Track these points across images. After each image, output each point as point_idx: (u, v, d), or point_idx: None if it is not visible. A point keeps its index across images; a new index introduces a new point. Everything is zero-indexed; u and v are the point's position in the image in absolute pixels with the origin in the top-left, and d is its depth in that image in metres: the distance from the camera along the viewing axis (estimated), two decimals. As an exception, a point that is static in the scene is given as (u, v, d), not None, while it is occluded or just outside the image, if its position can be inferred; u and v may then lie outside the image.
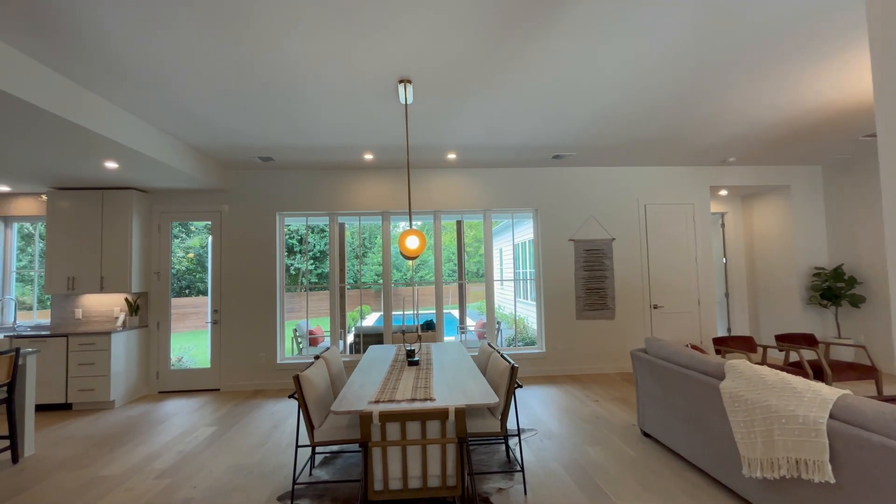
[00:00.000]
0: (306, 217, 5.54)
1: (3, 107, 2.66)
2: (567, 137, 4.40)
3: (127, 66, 2.74)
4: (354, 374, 2.86)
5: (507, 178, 5.55)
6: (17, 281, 5.48)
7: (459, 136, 4.25)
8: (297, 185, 5.38)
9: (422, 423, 1.83)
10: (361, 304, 9.14)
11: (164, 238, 5.30)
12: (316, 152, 4.66)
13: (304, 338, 6.42)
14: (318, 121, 3.75)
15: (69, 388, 4.52)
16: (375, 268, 16.95)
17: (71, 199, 4.90)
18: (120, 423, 4.10)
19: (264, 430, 3.82)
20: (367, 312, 14.43)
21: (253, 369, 5.23)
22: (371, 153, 4.77)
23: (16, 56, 2.52)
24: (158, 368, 5.19)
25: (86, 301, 5.13)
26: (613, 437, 3.43)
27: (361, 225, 5.81)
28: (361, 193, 5.43)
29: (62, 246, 4.87)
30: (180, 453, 3.37)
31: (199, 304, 13.71)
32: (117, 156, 3.74)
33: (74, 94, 2.96)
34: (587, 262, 5.51)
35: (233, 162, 4.97)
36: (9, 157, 3.74)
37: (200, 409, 4.46)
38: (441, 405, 2.03)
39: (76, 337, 4.55)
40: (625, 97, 3.42)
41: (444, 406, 1.83)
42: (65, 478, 3.00)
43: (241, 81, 2.97)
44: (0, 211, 5.21)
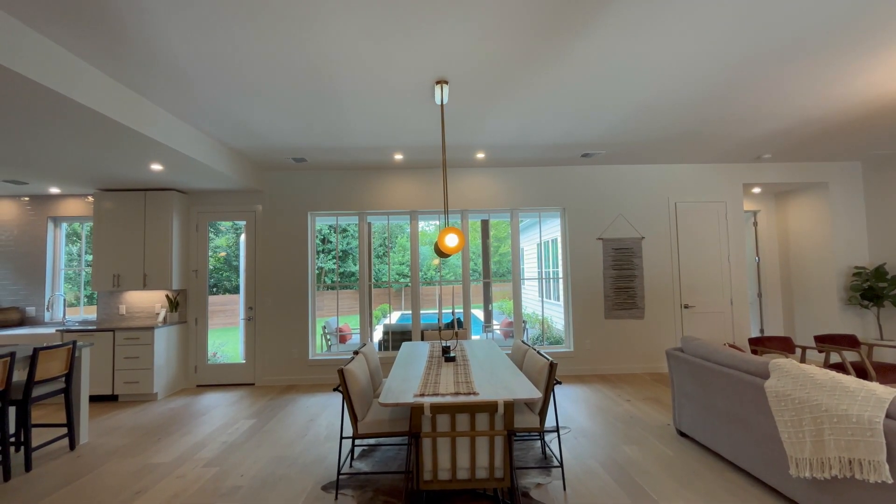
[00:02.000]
0: (336, 217, 5.66)
1: (68, 112, 2.82)
2: (597, 135, 4.39)
3: (177, 71, 2.87)
4: (394, 368, 2.93)
5: (534, 177, 5.55)
6: (64, 278, 5.75)
7: (490, 135, 4.29)
8: (328, 185, 5.50)
9: (471, 416, 1.88)
10: (390, 302, 9.25)
11: (202, 237, 5.50)
12: (348, 153, 4.76)
13: (334, 335, 6.55)
14: (353, 123, 3.84)
15: (116, 381, 4.74)
16: (397, 267, 17.11)
17: (115, 199, 5.13)
18: (164, 415, 4.28)
19: (301, 423, 3.94)
20: (389, 311, 14.61)
21: (286, 365, 5.37)
22: (401, 153, 4.84)
23: (80, 65, 2.67)
24: (197, 363, 5.38)
25: (129, 297, 5.37)
26: (649, 436, 3.41)
27: (382, 225, 5.90)
28: (390, 193, 5.51)
29: (107, 245, 5.10)
30: (224, 444, 3.50)
31: (227, 302, 14.10)
32: (164, 158, 3.91)
33: (131, 100, 3.11)
34: (616, 261, 5.47)
35: (267, 163, 5.12)
36: (63, 160, 3.95)
37: (238, 403, 4.62)
38: (488, 398, 2.08)
39: (122, 332, 4.77)
40: (661, 94, 3.40)
41: (493, 399, 1.88)
42: (119, 465, 3.16)
43: (283, 85, 3.08)
44: (49, 212, 5.49)
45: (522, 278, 5.59)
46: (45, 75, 2.45)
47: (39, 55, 2.40)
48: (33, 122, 2.99)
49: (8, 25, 2.22)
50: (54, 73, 2.50)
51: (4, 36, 2.20)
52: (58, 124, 3.03)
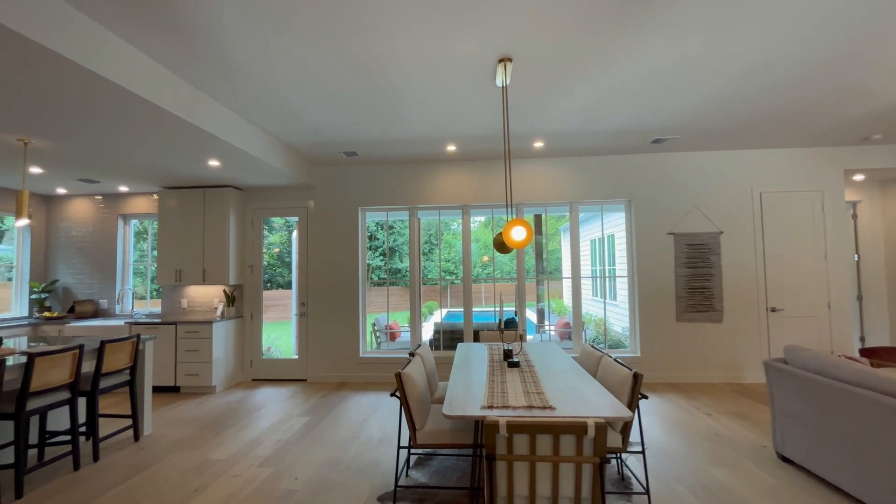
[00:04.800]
0: (387, 212, 5.53)
1: (136, 109, 2.82)
2: (672, 119, 3.93)
3: (236, 66, 2.79)
4: (454, 373, 2.70)
5: (596, 167, 5.14)
6: (133, 273, 6.04)
7: (551, 121, 3.95)
8: (379, 179, 5.38)
9: (554, 437, 1.61)
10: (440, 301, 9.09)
11: (257, 233, 5.56)
12: (399, 145, 4.60)
13: (383, 332, 6.47)
14: (407, 112, 3.65)
15: (178, 373, 4.88)
16: (443, 264, 16.98)
17: (177, 197, 5.29)
18: (221, 408, 4.32)
19: (354, 423, 3.82)
20: (435, 308, 14.50)
21: (337, 362, 5.32)
22: (454, 144, 4.61)
23: (148, 63, 2.65)
24: (252, 357, 5.46)
25: (190, 292, 5.53)
26: (742, 458, 2.97)
27: (428, 222, 5.69)
28: (441, 187, 5.30)
29: (170, 240, 5.27)
30: (279, 442, 3.44)
31: (280, 297, 14.58)
32: (221, 154, 3.91)
33: (192, 96, 3.09)
34: (690, 259, 4.95)
35: (319, 158, 5.07)
36: (133, 160, 4.06)
37: (291, 399, 4.60)
38: (573, 416, 1.80)
39: (183, 325, 4.89)
40: (749, 72, 2.93)
41: (580, 419, 1.59)
42: (179, 458, 3.16)
43: (338, 77, 2.93)
44: (120, 209, 5.77)
45: (570, 277, 5.20)
46: (123, 76, 2.44)
47: (115, 56, 2.39)
48: (107, 121, 3.03)
49: (90, 29, 2.20)
50: (128, 72, 2.48)
51: (88, 40, 2.18)
52: (128, 122, 3.06)
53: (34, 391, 2.73)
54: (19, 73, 2.35)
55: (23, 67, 2.28)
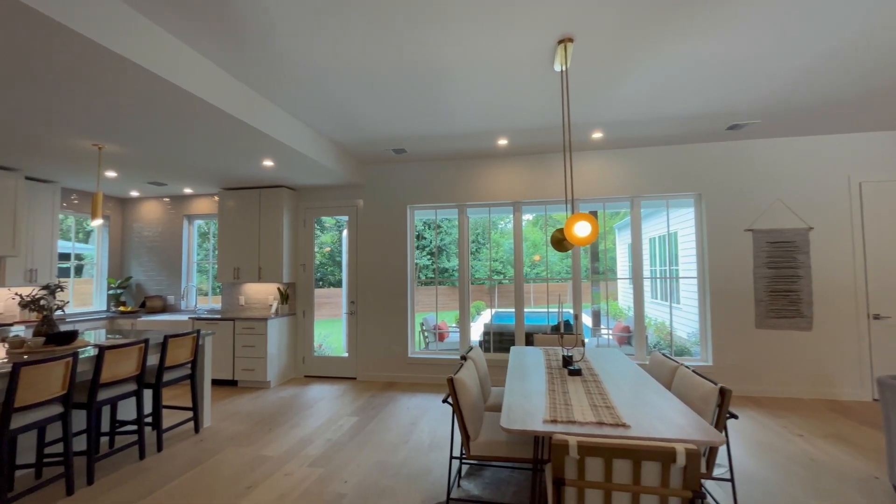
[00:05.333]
0: (435, 210, 5.42)
1: (198, 113, 2.88)
2: (752, 102, 3.49)
3: (289, 65, 2.76)
4: (509, 381, 2.51)
5: (661, 158, 4.72)
6: (197, 270, 6.36)
7: (613, 108, 3.64)
8: (427, 177, 5.28)
9: (634, 463, 1.38)
10: (491, 301, 8.89)
11: (309, 232, 5.65)
12: (449, 140, 4.46)
13: (431, 332, 6.37)
14: (458, 105, 3.49)
15: (235, 367, 5.04)
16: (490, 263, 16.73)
17: (235, 198, 5.48)
18: (275, 404, 4.40)
19: (403, 425, 3.73)
20: (482, 308, 14.29)
21: (386, 361, 5.28)
22: (506, 138, 4.40)
23: (207, 65, 2.69)
24: (304, 354, 5.55)
25: (247, 289, 5.72)
26: (849, 491, 2.54)
27: (474, 220, 5.50)
28: (491, 183, 5.11)
29: (229, 239, 5.47)
30: (328, 441, 3.41)
31: (331, 295, 14.99)
32: (275, 154, 3.96)
33: (248, 97, 3.13)
34: (772, 258, 4.42)
35: (368, 156, 5.05)
36: (195, 162, 4.22)
37: (341, 397, 4.60)
38: (655, 438, 1.56)
39: (241, 321, 5.05)
40: (857, 37, 2.48)
41: (666, 442, 1.36)
42: (234, 453, 3.21)
43: (389, 70, 2.84)
44: (184, 210, 6.09)
45: (625, 277, 4.80)
46: (186, 79, 2.48)
47: (179, 60, 2.43)
48: (171, 124, 3.14)
49: (155, 33, 2.25)
50: (190, 75, 2.53)
51: (154, 44, 2.23)
52: (190, 124, 3.15)
53: (104, 382, 2.86)
54: (93, 79, 2.44)
55: (96, 72, 2.36)
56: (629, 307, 12.22)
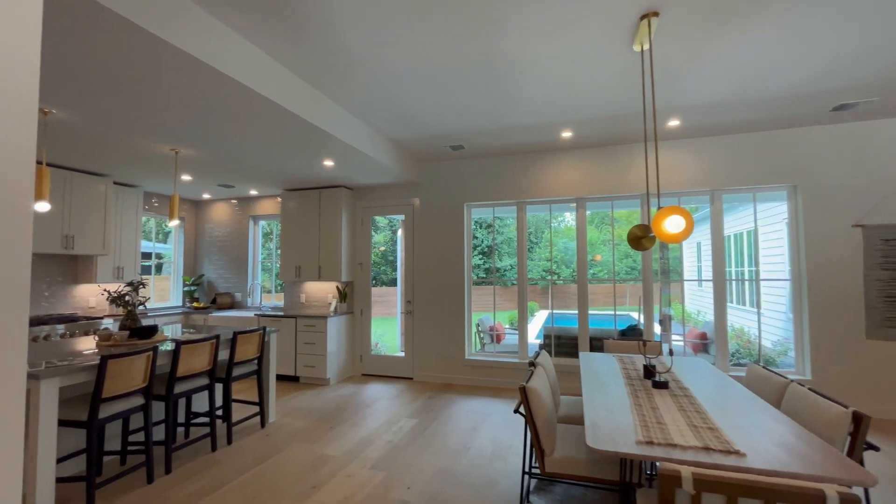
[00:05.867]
0: (493, 207, 5.25)
1: (264, 112, 2.93)
2: (872, 74, 2.99)
3: (349, 62, 2.72)
4: (587, 391, 2.29)
5: (747, 147, 4.23)
6: (262, 269, 6.63)
7: (696, 91, 3.28)
8: (485, 173, 5.11)
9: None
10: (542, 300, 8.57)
11: (366, 231, 5.69)
12: (510, 134, 4.27)
13: (487, 333, 6.21)
14: (522, 94, 3.30)
15: (297, 364, 5.17)
16: (543, 263, 16.26)
17: (296, 198, 5.63)
18: (335, 401, 4.43)
19: (464, 431, 3.60)
20: (535, 310, 13.87)
21: (443, 362, 5.19)
22: (570, 130, 4.14)
23: (272, 64, 2.72)
24: (362, 352, 5.59)
25: (308, 287, 5.86)
26: None
27: (529, 219, 5.22)
28: (552, 179, 4.85)
29: (291, 239, 5.63)
30: (389, 443, 3.35)
31: (384, 294, 15.23)
32: (335, 153, 3.98)
33: (311, 96, 3.14)
34: (888, 258, 3.81)
35: (424, 153, 4.97)
36: (260, 164, 4.35)
37: (399, 398, 4.56)
38: (780, 471, 1.30)
39: (302, 319, 5.17)
40: None
41: (814, 485, 1.10)
42: (298, 451, 3.23)
43: (456, 64, 2.71)
44: (250, 211, 6.36)
45: (694, 279, 4.32)
46: (255, 79, 2.52)
47: (246, 59, 2.47)
48: (240, 126, 3.22)
49: (222, 32, 2.29)
50: (256, 74, 2.56)
51: (223, 44, 2.28)
52: (257, 124, 3.22)
53: (180, 376, 2.97)
54: (169, 82, 2.53)
55: (172, 75, 2.44)
56: (698, 311, 11.31)
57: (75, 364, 2.42)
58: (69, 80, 2.51)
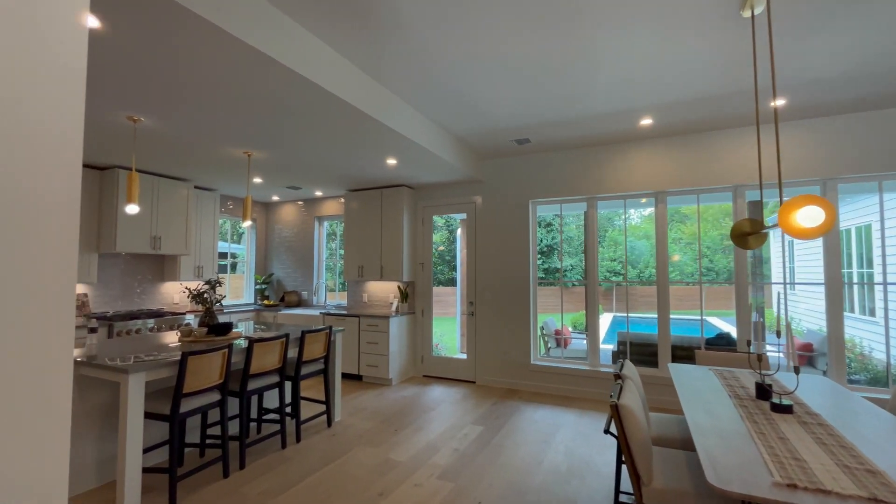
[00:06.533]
0: (560, 204, 4.94)
1: (331, 110, 2.90)
2: None
3: (419, 57, 2.60)
4: (690, 412, 1.99)
5: (871, 127, 3.60)
6: (326, 268, 6.79)
7: (808, 65, 2.80)
8: (552, 168, 4.82)
9: None
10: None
11: (427, 230, 5.60)
12: (581, 124, 3.96)
13: (552, 337, 5.89)
14: (599, 80, 3.01)
15: (360, 363, 5.19)
16: (607, 263, 15.43)
17: (359, 199, 5.67)
18: (398, 403, 4.37)
19: (534, 442, 3.36)
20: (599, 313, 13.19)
21: (506, 366, 4.97)
22: (651, 116, 3.76)
23: (340, 60, 2.67)
24: (423, 353, 5.52)
25: (370, 287, 5.89)
26: None
27: (601, 214, 4.82)
28: (628, 171, 4.45)
29: (354, 239, 5.69)
30: (456, 451, 3.21)
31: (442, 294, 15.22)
32: (399, 150, 3.91)
33: (377, 92, 3.08)
34: None
35: (488, 149, 4.78)
36: (325, 164, 4.40)
37: (462, 402, 4.41)
38: None
39: (365, 318, 5.19)
40: None
41: None
42: (364, 453, 3.18)
43: (527, 53, 2.50)
44: (315, 212, 6.53)
45: (803, 282, 3.70)
46: (326, 79, 2.49)
47: (316, 57, 2.44)
48: (308, 125, 3.24)
49: (293, 30, 2.27)
50: (330, 74, 2.53)
51: (293, 42, 2.26)
52: (324, 123, 3.21)
53: (253, 373, 3.02)
54: (242, 81, 2.55)
55: (244, 74, 2.46)
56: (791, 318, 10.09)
57: (160, 359, 2.51)
58: (155, 88, 2.62)
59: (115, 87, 2.64)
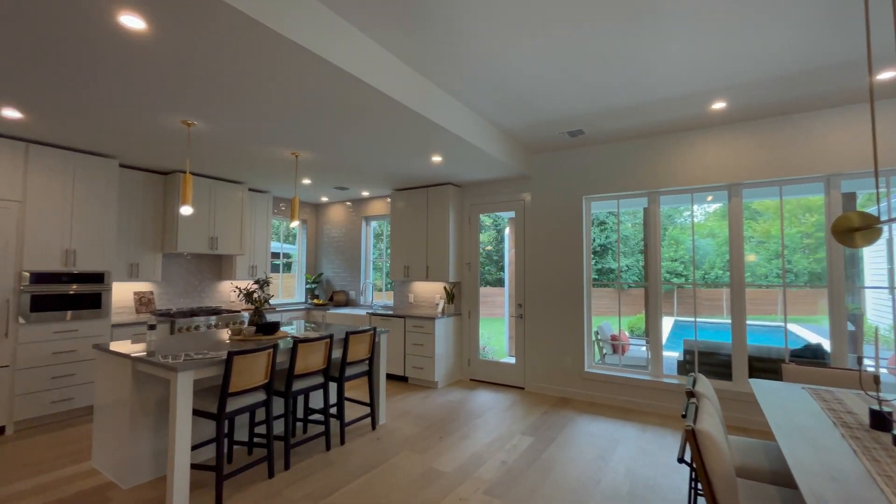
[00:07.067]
0: (617, 199, 4.57)
1: (376, 107, 2.82)
2: None
3: (464, 47, 2.44)
4: (785, 443, 1.67)
5: None
6: (373, 268, 6.82)
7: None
8: (608, 161, 4.48)
9: None
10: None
11: (474, 230, 5.43)
12: (642, 111, 3.62)
13: (607, 342, 5.51)
14: (663, 60, 2.69)
15: (406, 364, 5.12)
16: (667, 264, 14.43)
17: (405, 198, 5.61)
18: (444, 407, 4.24)
19: (590, 459, 3.09)
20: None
21: (558, 373, 4.68)
22: (724, 99, 3.34)
23: (384, 55, 2.58)
24: (470, 356, 5.35)
25: (416, 287, 5.82)
26: None
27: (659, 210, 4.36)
28: (695, 162, 4.02)
29: (400, 239, 5.63)
30: (504, 464, 3.01)
31: (488, 294, 14.98)
32: (445, 147, 3.77)
33: (422, 86, 2.96)
34: None
35: (537, 142, 4.53)
36: (371, 164, 4.36)
37: (511, 409, 4.19)
38: None
39: (411, 319, 5.11)
40: None
41: None
42: (408, 460, 3.06)
43: (577, 37, 2.26)
44: (362, 212, 6.56)
45: None
46: (371, 75, 2.41)
47: (360, 52, 2.37)
48: (354, 124, 3.19)
49: (340, 26, 2.20)
50: (369, 67, 2.45)
51: (338, 37, 2.19)
52: (369, 121, 3.14)
53: (297, 374, 3.00)
54: (288, 81, 2.52)
55: (289, 72, 2.42)
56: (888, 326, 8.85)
57: (207, 358, 2.54)
58: (206, 91, 2.65)
59: (169, 92, 2.71)
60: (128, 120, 3.20)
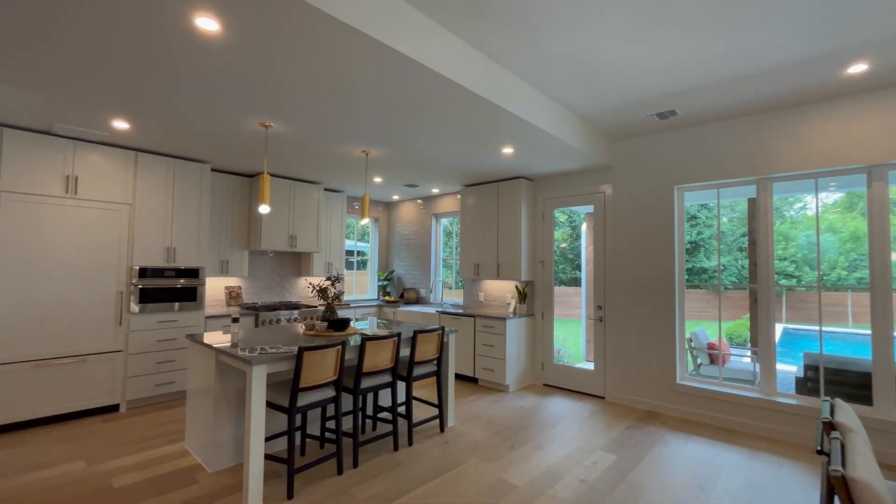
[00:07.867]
0: (717, 189, 3.99)
1: (441, 94, 2.69)
2: None
3: (538, 22, 2.21)
4: None
5: None
6: (443, 266, 6.76)
7: None
8: (705, 146, 3.92)
9: None
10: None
11: (548, 226, 5.11)
12: (750, 84, 3.08)
13: (702, 351, 4.87)
14: (778, 14, 2.21)
15: (476, 365, 4.95)
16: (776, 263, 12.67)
17: (475, 194, 5.44)
18: (515, 413, 4.01)
19: (687, 487, 2.68)
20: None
21: (644, 383, 4.21)
22: (865, 61, 2.71)
23: (448, 37, 2.44)
24: (543, 360, 5.04)
25: (486, 286, 5.63)
26: None
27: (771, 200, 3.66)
28: (822, 140, 3.35)
29: (470, 236, 5.48)
30: (582, 483, 2.72)
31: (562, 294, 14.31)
32: (516, 136, 3.54)
33: (492, 71, 2.78)
34: None
35: (620, 128, 4.10)
36: (440, 159, 4.26)
37: (589, 420, 3.84)
38: None
39: (480, 318, 4.93)
40: None
41: None
42: (477, 469, 2.89)
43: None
44: (432, 210, 6.52)
45: None
46: (435, 59, 2.30)
47: (425, 35, 2.26)
48: (421, 116, 3.10)
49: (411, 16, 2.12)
50: (436, 54, 2.33)
51: (409, 27, 2.11)
52: (436, 111, 3.03)
53: (366, 371, 2.97)
54: (358, 75, 2.48)
55: (359, 65, 2.36)
56: None
57: (280, 353, 2.58)
58: (281, 91, 2.71)
59: (247, 94, 2.80)
60: (214, 124, 3.41)
